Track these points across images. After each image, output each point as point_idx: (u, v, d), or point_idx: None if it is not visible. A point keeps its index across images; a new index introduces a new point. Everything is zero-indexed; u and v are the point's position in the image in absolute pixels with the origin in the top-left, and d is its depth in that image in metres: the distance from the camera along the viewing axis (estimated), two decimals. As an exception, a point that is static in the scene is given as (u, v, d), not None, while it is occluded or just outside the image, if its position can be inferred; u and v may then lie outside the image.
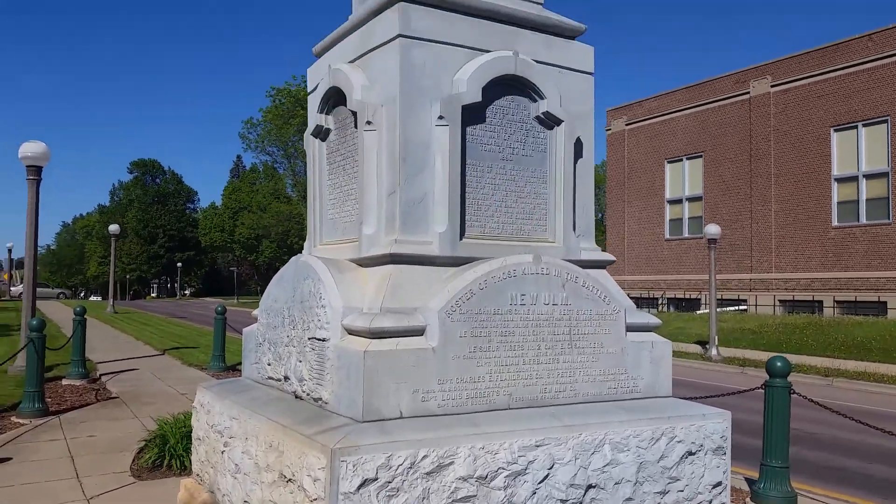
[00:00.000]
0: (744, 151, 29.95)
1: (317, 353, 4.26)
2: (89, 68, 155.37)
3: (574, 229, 4.89)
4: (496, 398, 4.15)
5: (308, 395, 4.34)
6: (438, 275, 4.28)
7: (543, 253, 4.52)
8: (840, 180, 26.98)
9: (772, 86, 28.70)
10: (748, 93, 29.67)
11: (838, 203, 26.96)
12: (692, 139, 32.27)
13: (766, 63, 29.28)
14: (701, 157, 31.94)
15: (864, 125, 26.06)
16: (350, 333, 4.04)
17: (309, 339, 4.37)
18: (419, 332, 3.98)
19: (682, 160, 32.90)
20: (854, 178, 26.48)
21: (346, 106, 4.76)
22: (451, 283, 4.14)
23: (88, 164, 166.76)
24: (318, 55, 5.48)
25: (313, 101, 5.31)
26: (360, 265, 4.50)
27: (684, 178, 32.85)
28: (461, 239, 4.44)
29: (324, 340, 4.19)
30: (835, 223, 26.96)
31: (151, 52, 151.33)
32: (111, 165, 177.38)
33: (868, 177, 26.12)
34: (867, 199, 26.13)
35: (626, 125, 35.60)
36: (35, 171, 11.80)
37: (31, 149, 11.68)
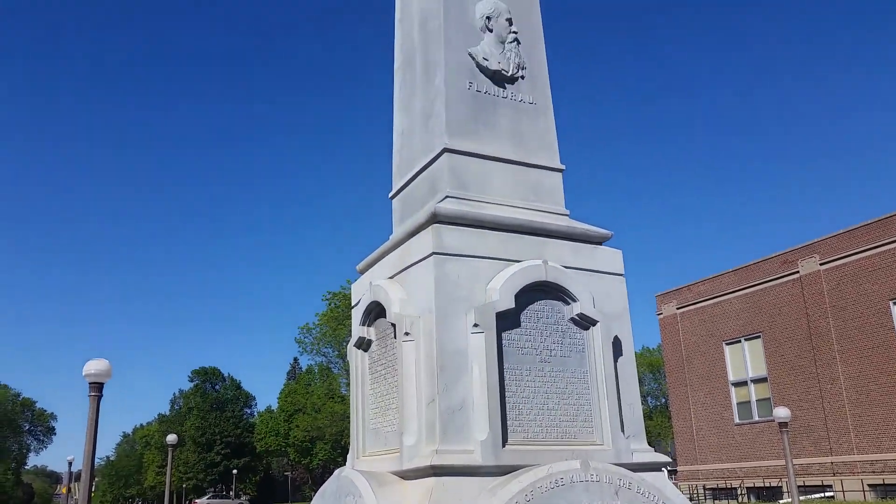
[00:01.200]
0: (802, 329, 29.17)
1: (358, 579, 4.07)
2: (157, 289, 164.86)
3: (622, 430, 4.76)
4: None
5: None
6: (482, 485, 4.15)
7: (592, 457, 4.38)
8: (911, 354, 25.80)
9: (821, 264, 28.56)
10: (798, 272, 29.52)
11: (914, 377, 25.59)
12: (748, 320, 31.70)
13: (812, 242, 29.35)
14: (759, 337, 31.15)
15: (926, 296, 25.38)
16: (391, 556, 3.88)
17: (350, 563, 4.20)
18: (464, 552, 3.79)
19: (740, 341, 32.10)
20: (926, 351, 25.31)
21: (386, 318, 4.95)
22: (494, 496, 4.00)
23: (152, 375, 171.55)
24: (362, 272, 5.81)
25: (356, 315, 5.54)
26: (403, 477, 4.41)
27: (746, 360, 31.83)
28: (504, 446, 4.35)
29: (364, 565, 4.02)
30: (915, 399, 25.41)
31: (212, 269, 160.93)
32: (174, 374, 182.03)
33: (941, 349, 24.93)
34: (945, 373, 24.74)
35: (678, 308, 35.37)
36: (97, 387, 12.19)
37: (94, 366, 12.16)
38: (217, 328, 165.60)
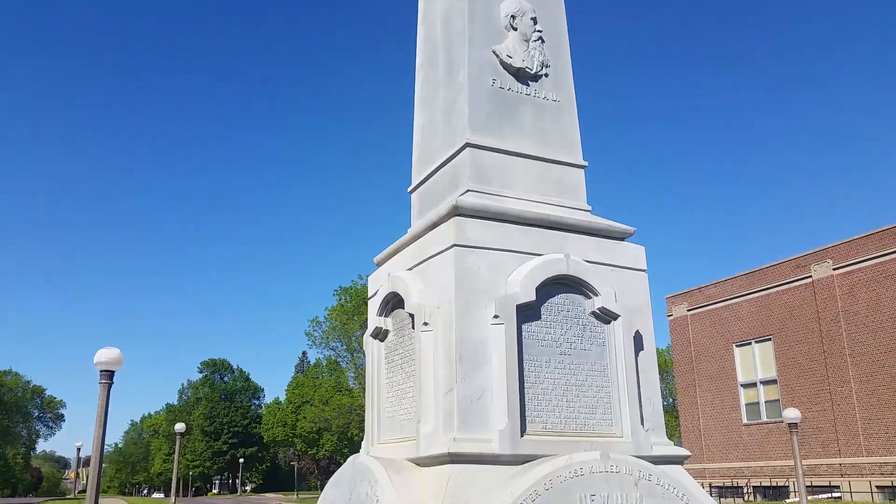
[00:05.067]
0: (814, 333, 29.06)
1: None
2: (167, 281, 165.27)
3: (642, 423, 4.79)
4: None
5: None
6: (500, 474, 4.20)
7: (611, 449, 4.40)
8: (922, 358, 25.66)
9: (834, 269, 28.42)
10: (810, 276, 29.38)
11: (925, 382, 25.45)
12: (758, 323, 31.58)
13: (826, 247, 29.22)
14: (770, 339, 31.04)
15: (939, 301, 25.23)
16: (409, 541, 3.93)
17: (365, 547, 4.25)
18: (481, 539, 3.84)
19: (750, 343, 32.00)
20: (938, 357, 25.17)
21: (404, 309, 5.00)
22: (513, 485, 4.05)
23: (160, 366, 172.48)
24: (379, 264, 5.86)
25: (373, 306, 5.60)
26: (419, 465, 4.46)
27: (755, 362, 31.73)
28: (522, 436, 4.40)
29: (380, 550, 4.07)
30: (925, 404, 25.28)
31: (223, 265, 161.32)
32: (183, 366, 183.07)
33: (953, 355, 24.78)
34: (956, 379, 24.60)
35: (688, 311, 35.29)
36: (108, 375, 12.28)
37: (105, 355, 12.25)
38: (226, 321, 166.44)
